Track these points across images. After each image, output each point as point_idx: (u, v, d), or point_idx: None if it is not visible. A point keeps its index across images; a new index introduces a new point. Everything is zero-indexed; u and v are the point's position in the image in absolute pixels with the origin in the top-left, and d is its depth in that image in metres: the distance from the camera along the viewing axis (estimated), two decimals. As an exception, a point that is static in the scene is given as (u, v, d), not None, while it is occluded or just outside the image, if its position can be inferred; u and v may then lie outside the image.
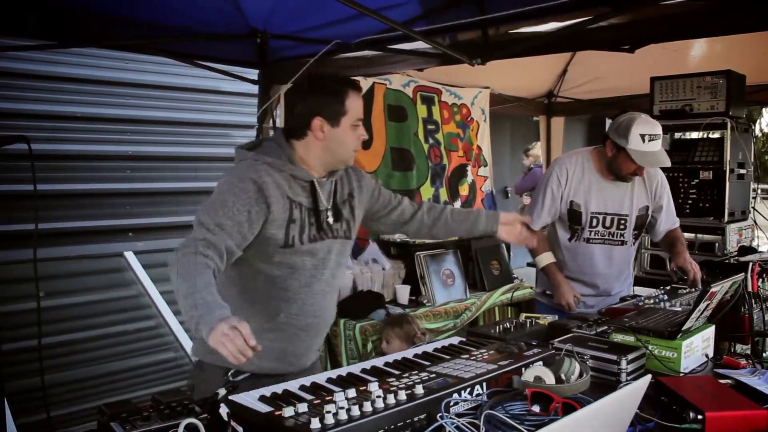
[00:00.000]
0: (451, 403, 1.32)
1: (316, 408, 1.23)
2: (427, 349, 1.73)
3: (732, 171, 3.76)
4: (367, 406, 1.21)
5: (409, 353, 1.69)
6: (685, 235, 3.26)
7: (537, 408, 1.33)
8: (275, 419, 1.20)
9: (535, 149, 7.13)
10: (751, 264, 2.09)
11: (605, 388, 1.55)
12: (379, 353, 3.06)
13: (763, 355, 1.92)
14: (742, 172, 3.87)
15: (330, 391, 1.37)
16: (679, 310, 2.13)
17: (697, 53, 4.28)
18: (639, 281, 3.69)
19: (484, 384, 1.42)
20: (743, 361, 1.81)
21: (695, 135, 4.72)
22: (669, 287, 2.56)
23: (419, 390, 1.30)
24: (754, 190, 4.11)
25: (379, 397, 1.24)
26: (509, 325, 2.05)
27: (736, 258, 2.82)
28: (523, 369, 1.50)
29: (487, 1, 2.63)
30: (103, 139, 4.58)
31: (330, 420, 1.16)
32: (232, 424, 1.26)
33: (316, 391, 1.40)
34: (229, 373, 1.84)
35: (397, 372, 1.49)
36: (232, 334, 1.39)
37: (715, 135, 4.18)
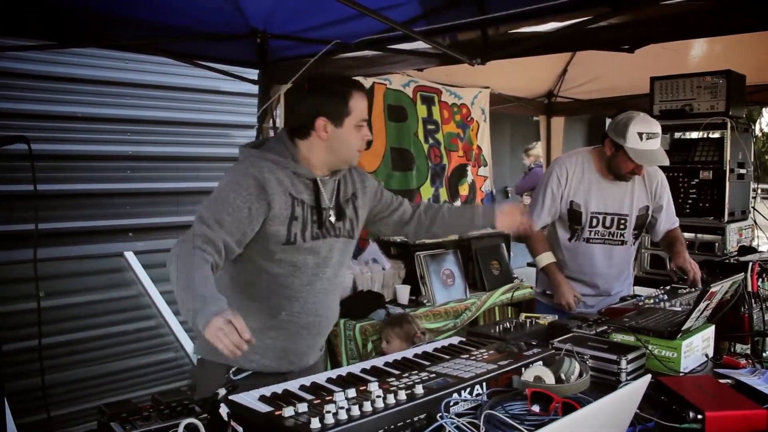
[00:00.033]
0: (451, 403, 1.32)
1: (316, 408, 1.23)
2: (427, 349, 1.73)
3: (732, 171, 3.76)
4: (367, 406, 1.21)
5: (409, 353, 1.69)
6: (685, 235, 3.26)
7: (537, 408, 1.33)
8: (275, 419, 1.20)
9: (535, 149, 7.10)
10: (750, 264, 2.09)
11: (605, 387, 1.55)
12: (379, 353, 3.06)
13: (763, 354, 1.92)
14: (742, 172, 3.88)
15: (330, 391, 1.38)
16: (679, 310, 2.13)
17: (697, 53, 4.28)
18: (639, 281, 3.70)
19: (484, 384, 1.42)
20: (743, 361, 1.81)
21: (695, 135, 4.73)
22: (669, 287, 2.56)
23: (419, 390, 1.30)
24: (754, 190, 4.12)
25: (379, 397, 1.24)
26: (509, 325, 2.05)
27: (736, 258, 2.82)
28: (523, 369, 1.50)
29: (487, 1, 2.63)
30: (103, 139, 4.57)
31: (330, 420, 1.16)
32: (232, 424, 1.26)
33: (316, 391, 1.40)
34: (231, 371, 1.85)
35: (397, 372, 1.49)
36: (227, 328, 1.40)
37: (715, 135, 4.19)
